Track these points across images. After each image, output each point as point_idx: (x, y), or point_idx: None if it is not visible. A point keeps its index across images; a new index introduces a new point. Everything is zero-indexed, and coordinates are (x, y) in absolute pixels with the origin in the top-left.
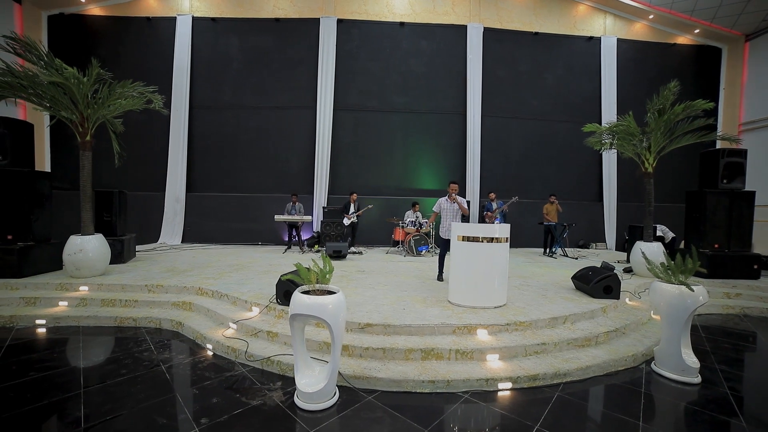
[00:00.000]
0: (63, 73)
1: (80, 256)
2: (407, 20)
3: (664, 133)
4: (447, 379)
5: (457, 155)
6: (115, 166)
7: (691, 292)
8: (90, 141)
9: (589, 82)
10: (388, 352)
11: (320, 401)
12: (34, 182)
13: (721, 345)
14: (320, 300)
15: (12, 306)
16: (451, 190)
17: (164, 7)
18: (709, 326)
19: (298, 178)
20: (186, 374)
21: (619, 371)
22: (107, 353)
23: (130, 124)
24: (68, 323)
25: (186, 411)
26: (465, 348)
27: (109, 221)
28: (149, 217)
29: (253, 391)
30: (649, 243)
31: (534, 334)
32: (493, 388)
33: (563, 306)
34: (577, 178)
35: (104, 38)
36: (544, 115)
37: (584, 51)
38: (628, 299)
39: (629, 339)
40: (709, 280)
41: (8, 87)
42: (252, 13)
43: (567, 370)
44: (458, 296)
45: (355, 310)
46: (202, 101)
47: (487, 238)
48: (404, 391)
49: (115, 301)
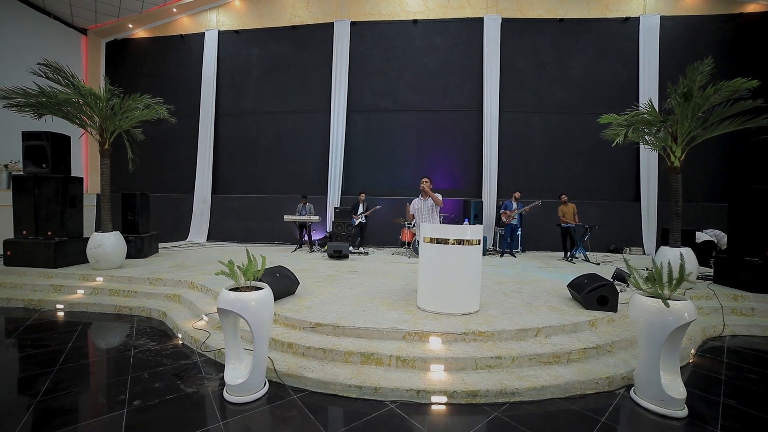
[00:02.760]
0: (80, 91)
1: (99, 250)
2: (421, 17)
3: (693, 120)
4: (375, 386)
5: (473, 153)
6: (129, 171)
7: (677, 308)
8: (108, 149)
9: (625, 69)
10: (329, 353)
11: (243, 394)
12: (68, 186)
13: (742, 374)
14: (243, 296)
15: (42, 291)
16: (423, 185)
17: (195, 25)
18: (740, 350)
19: (313, 179)
20: (148, 360)
21: (587, 395)
22: (94, 337)
23: (165, 133)
24: (79, 309)
25: (126, 393)
26: (407, 356)
27: (132, 220)
28: (181, 216)
29: (195, 379)
30: (675, 248)
31: (494, 346)
32: (425, 401)
33: (543, 316)
34: (610, 175)
35: (148, 56)
36: (571, 108)
37: (619, 34)
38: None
39: (614, 359)
40: (757, 294)
41: (43, 106)
42: (270, 22)
43: (516, 388)
44: (426, 301)
45: (316, 308)
46: (226, 108)
47: (458, 241)
48: (331, 394)
49: (119, 292)
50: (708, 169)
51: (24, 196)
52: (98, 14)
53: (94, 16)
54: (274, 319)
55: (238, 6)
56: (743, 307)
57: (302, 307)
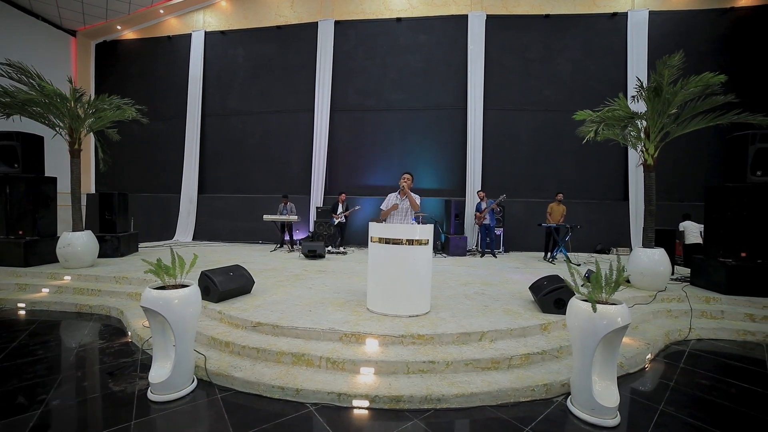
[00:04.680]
0: (44, 91)
1: (69, 249)
2: (405, 15)
3: (664, 116)
4: (297, 387)
5: (458, 152)
6: (101, 170)
7: (610, 313)
8: (78, 150)
9: (614, 65)
10: (262, 353)
11: (166, 393)
12: (40, 186)
13: (694, 380)
14: (165, 294)
15: (7, 290)
16: (404, 182)
17: (182, 26)
18: (701, 354)
19: (298, 179)
20: (89, 358)
21: (520, 403)
22: (43, 336)
23: (154, 134)
24: (41, 308)
25: (50, 393)
26: (338, 358)
27: (110, 219)
28: (168, 216)
29: (127, 378)
30: (649, 249)
31: (432, 350)
32: (346, 405)
33: (494, 320)
34: (598, 174)
35: (137, 58)
36: (558, 105)
37: (607, 30)
38: None
39: (559, 365)
40: (729, 297)
41: (6, 106)
42: (256, 23)
43: (443, 394)
44: (375, 303)
45: (264, 308)
46: (212, 109)
47: (406, 240)
48: (255, 394)
49: (84, 290)
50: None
51: None
52: (86, 16)
53: (82, 18)
54: (219, 317)
55: (224, 7)
56: (713, 310)
57: (251, 306)
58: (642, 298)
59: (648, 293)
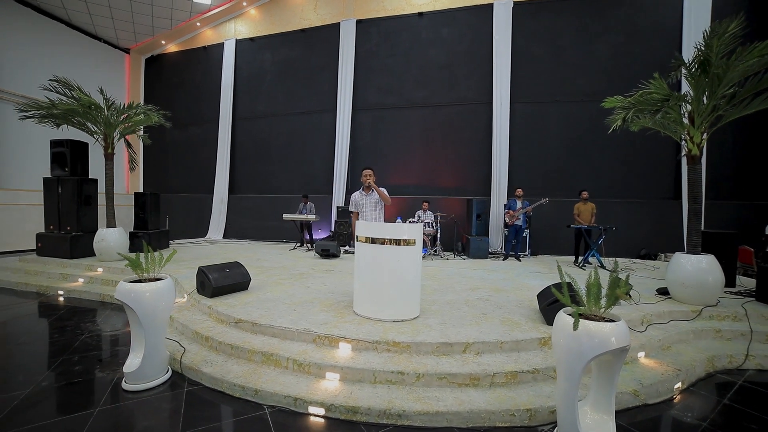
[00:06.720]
0: (80, 102)
1: (102, 244)
2: (426, 9)
3: (713, 97)
4: (256, 388)
5: (482, 149)
6: (131, 171)
7: (601, 331)
8: (111, 153)
9: (663, 46)
10: (236, 350)
11: (137, 383)
12: (82, 186)
13: (737, 422)
14: (137, 287)
15: (52, 279)
16: (365, 179)
17: (216, 36)
18: (758, 390)
19: (321, 178)
20: (90, 344)
21: (496, 428)
22: (61, 320)
23: (192, 138)
24: (72, 295)
25: (44, 374)
26: (305, 360)
27: (143, 217)
28: (202, 215)
29: (114, 365)
30: (694, 255)
31: (406, 360)
32: (301, 410)
33: (485, 330)
34: (643, 170)
35: (178, 69)
36: (595, 95)
37: (657, 5)
38: None
39: (552, 387)
40: None
41: (54, 117)
42: (281, 27)
43: (404, 410)
44: (361, 306)
45: (252, 305)
46: (242, 113)
47: (393, 240)
48: (219, 391)
49: (110, 281)
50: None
51: (51, 196)
52: (137, 34)
53: (134, 36)
54: (208, 312)
55: (253, 14)
56: None
57: (240, 302)
58: (681, 314)
59: (691, 308)
